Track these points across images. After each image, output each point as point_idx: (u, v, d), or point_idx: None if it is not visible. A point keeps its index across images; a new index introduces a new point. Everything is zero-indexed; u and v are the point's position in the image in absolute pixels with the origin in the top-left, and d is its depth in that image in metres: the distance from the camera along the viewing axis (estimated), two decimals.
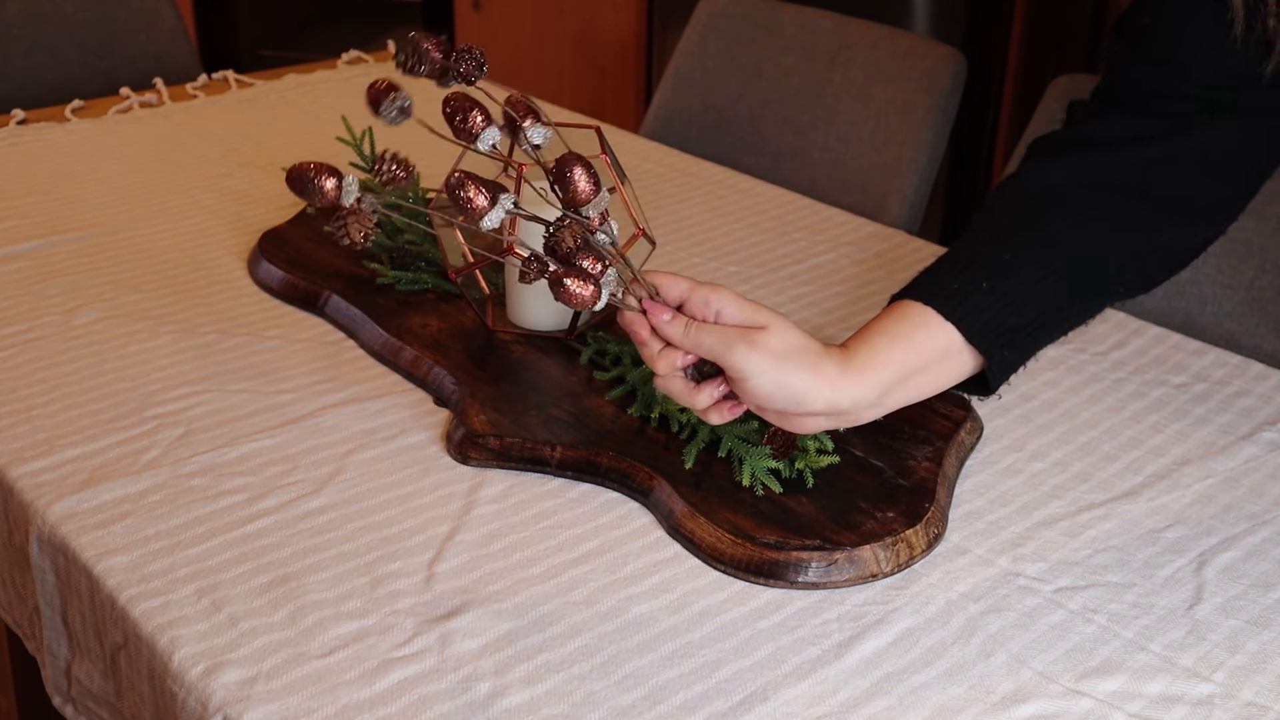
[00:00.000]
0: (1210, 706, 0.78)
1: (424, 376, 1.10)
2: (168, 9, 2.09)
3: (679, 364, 0.82)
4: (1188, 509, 0.97)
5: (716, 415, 0.84)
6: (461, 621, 0.83)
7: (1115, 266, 0.89)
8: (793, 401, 0.81)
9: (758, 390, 0.81)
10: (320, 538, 0.91)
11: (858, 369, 0.83)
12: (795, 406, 0.82)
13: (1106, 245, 0.88)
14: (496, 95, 0.85)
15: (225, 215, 1.43)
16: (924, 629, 0.84)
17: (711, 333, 0.81)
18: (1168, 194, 0.89)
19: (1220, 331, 1.32)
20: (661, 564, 0.89)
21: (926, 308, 0.85)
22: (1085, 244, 0.88)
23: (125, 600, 0.85)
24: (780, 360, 0.80)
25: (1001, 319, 0.85)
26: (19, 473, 0.97)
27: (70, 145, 1.63)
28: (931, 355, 0.84)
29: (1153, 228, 0.89)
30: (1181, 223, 0.91)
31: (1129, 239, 0.89)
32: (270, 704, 0.76)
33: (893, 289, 1.30)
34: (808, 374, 0.81)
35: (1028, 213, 0.89)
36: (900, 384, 0.84)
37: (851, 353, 0.84)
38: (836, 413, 0.83)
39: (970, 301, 0.84)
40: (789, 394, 0.81)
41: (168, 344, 1.16)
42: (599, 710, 0.77)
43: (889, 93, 1.66)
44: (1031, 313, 0.86)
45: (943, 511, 0.94)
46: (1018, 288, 0.85)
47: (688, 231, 1.42)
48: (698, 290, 0.82)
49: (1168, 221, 0.90)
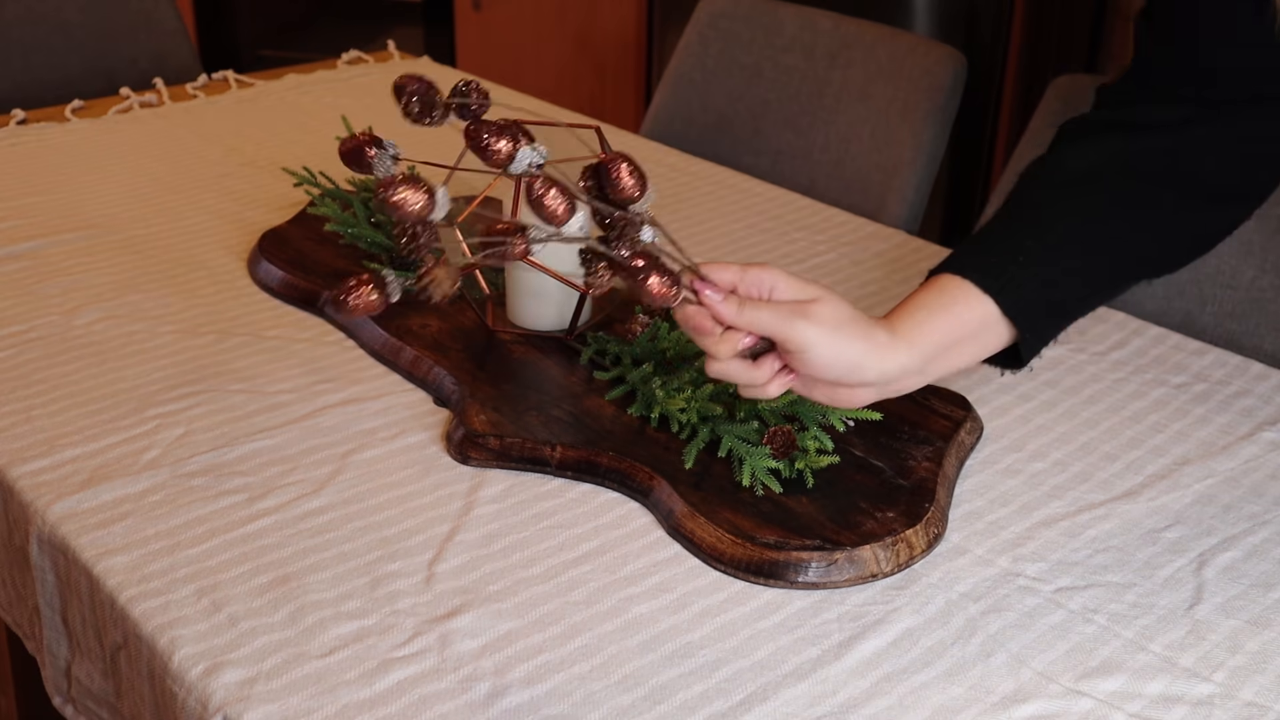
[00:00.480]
0: (1210, 706, 0.78)
1: (424, 376, 1.10)
2: (168, 9, 2.09)
3: (739, 347, 0.84)
4: (1188, 509, 0.97)
5: (777, 386, 0.86)
6: (461, 621, 0.83)
7: (1146, 247, 0.92)
8: (849, 369, 0.84)
9: (815, 361, 0.83)
10: (320, 538, 0.91)
11: (905, 338, 0.86)
12: (850, 374, 0.84)
13: (1138, 226, 0.91)
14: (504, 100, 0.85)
15: (225, 215, 1.43)
16: (924, 629, 0.84)
17: (767, 309, 0.83)
18: (1199, 178, 0.91)
19: (1220, 331, 1.32)
20: (661, 564, 0.89)
21: (965, 281, 0.87)
22: (1117, 224, 0.90)
23: (125, 600, 0.85)
24: (836, 330, 0.83)
25: (1036, 294, 0.88)
26: (19, 473, 0.97)
27: (70, 145, 1.63)
28: (970, 327, 0.87)
29: (1184, 210, 0.92)
30: (1213, 205, 0.93)
31: (1160, 220, 0.92)
32: (270, 704, 0.76)
33: (893, 289, 1.30)
34: (861, 342, 0.84)
35: (1061, 192, 0.91)
36: (943, 354, 0.87)
37: (896, 323, 0.86)
38: (885, 381, 0.86)
39: (1006, 275, 0.87)
40: (845, 362, 0.83)
41: (168, 344, 1.16)
42: (599, 710, 0.77)
43: (889, 93, 1.66)
44: (1064, 289, 0.89)
45: (943, 511, 0.94)
46: (1051, 265, 0.88)
47: (688, 231, 1.42)
48: (748, 272, 0.84)
49: (1199, 204, 0.92)
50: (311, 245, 1.30)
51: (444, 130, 0.84)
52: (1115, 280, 0.93)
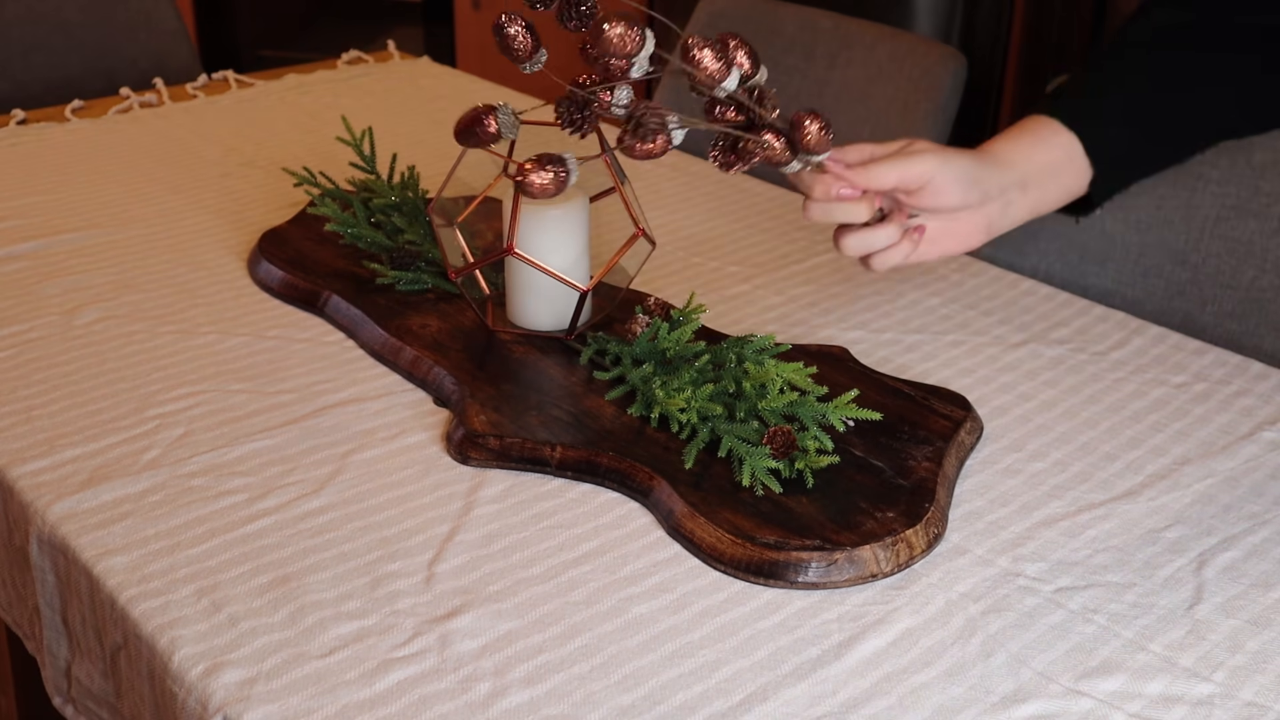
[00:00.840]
0: (1210, 706, 0.78)
1: (424, 376, 1.10)
2: (168, 9, 2.10)
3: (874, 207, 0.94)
4: (1188, 509, 0.97)
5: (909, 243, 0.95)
6: (461, 621, 0.83)
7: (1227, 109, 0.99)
8: (968, 184, 0.94)
9: (940, 186, 0.93)
10: (320, 538, 0.91)
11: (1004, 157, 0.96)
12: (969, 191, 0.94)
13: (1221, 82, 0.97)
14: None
15: (225, 215, 1.43)
16: (924, 629, 0.84)
17: (885, 161, 0.93)
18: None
19: (1220, 331, 1.32)
20: (661, 564, 0.89)
21: (1053, 120, 0.97)
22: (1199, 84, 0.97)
23: (125, 600, 0.85)
24: (946, 154, 0.94)
25: (1117, 133, 0.96)
26: (19, 473, 0.97)
27: (70, 145, 1.63)
28: (1056, 156, 0.97)
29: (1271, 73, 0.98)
30: None
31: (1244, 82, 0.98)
32: (270, 704, 0.76)
33: (893, 289, 1.30)
34: (971, 158, 0.94)
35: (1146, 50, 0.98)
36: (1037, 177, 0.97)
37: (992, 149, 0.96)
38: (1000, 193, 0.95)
39: (1089, 116, 0.96)
40: (966, 178, 0.93)
41: (168, 344, 1.16)
42: (599, 710, 0.77)
43: (889, 93, 1.66)
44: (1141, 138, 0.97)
45: (943, 511, 0.94)
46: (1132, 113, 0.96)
47: (688, 231, 1.42)
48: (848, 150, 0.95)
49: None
50: (311, 245, 1.30)
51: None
52: (1194, 138, 0.99)
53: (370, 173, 1.35)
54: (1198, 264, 1.34)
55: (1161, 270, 1.36)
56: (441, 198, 1.15)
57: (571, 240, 1.10)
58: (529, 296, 1.13)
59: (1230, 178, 1.31)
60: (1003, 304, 1.27)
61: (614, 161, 1.10)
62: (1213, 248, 1.33)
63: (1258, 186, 1.30)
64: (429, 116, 1.74)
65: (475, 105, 0.93)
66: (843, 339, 1.19)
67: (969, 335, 1.20)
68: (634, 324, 1.09)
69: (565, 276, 1.09)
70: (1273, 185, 1.29)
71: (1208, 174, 1.33)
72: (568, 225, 1.10)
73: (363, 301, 1.19)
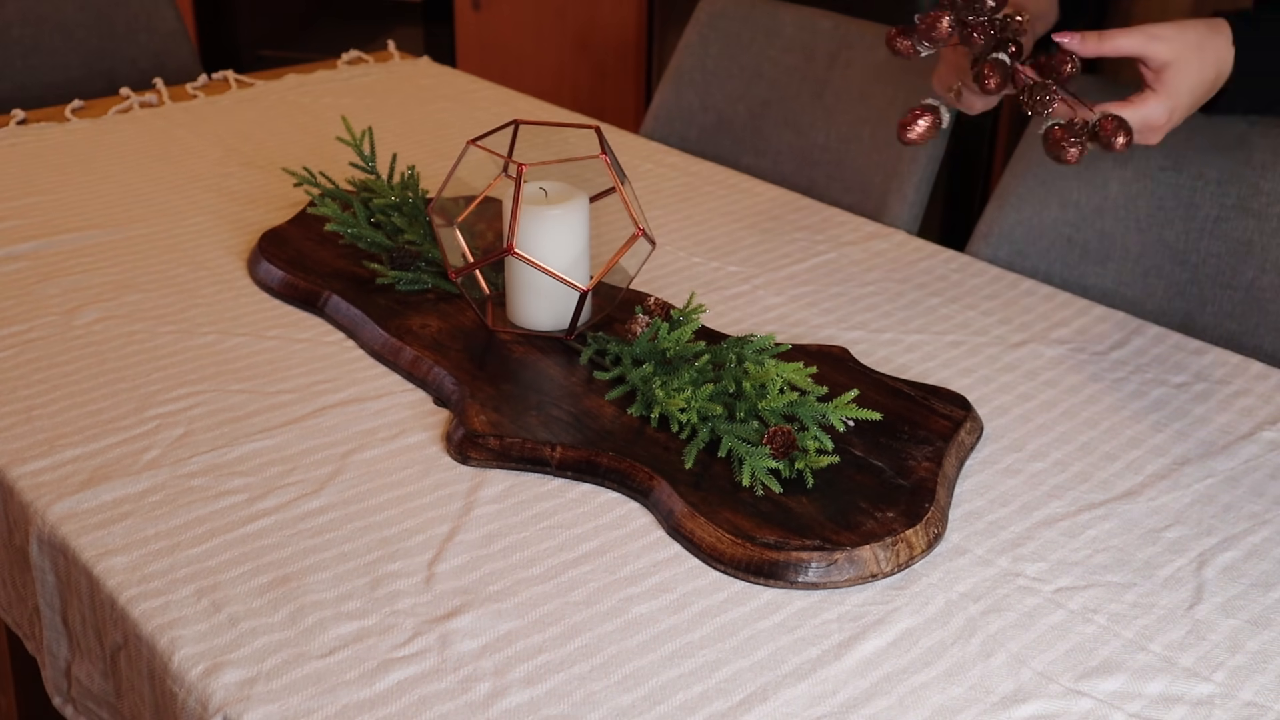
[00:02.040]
0: (1210, 706, 0.78)
1: (424, 376, 1.10)
2: (168, 9, 2.09)
3: None
4: (1188, 509, 0.97)
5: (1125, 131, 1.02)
6: (461, 621, 0.83)
7: None
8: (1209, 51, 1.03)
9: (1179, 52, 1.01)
10: (320, 538, 0.91)
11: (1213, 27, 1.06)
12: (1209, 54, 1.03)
13: None
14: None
15: (225, 215, 1.43)
16: (924, 629, 0.84)
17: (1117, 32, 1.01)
18: None
19: (1220, 331, 1.32)
20: (661, 564, 0.89)
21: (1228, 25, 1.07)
22: None
23: (125, 600, 0.85)
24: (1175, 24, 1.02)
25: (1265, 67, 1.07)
26: (19, 473, 0.97)
27: (70, 145, 1.63)
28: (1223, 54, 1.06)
29: None
30: None
31: None
32: (270, 704, 0.76)
33: (893, 289, 1.30)
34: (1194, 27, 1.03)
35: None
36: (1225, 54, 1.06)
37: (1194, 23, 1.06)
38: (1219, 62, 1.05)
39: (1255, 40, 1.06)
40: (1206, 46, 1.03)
41: (168, 344, 1.16)
42: (599, 710, 0.77)
43: (889, 93, 1.66)
44: None
45: (943, 511, 0.94)
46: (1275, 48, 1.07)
47: (688, 231, 1.42)
48: None
49: None
50: (311, 245, 1.30)
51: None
52: None
53: (370, 173, 1.35)
54: (1198, 264, 1.34)
55: (1161, 270, 1.36)
56: (441, 198, 1.15)
57: (571, 240, 1.10)
58: (529, 296, 1.13)
59: (1230, 178, 1.31)
60: (1003, 304, 1.27)
61: (614, 161, 1.10)
62: (1213, 247, 1.33)
63: (1258, 186, 1.30)
64: (429, 116, 1.74)
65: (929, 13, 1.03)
66: (843, 339, 1.19)
67: (969, 335, 1.20)
68: (634, 324, 1.09)
69: (565, 276, 1.09)
70: (1273, 185, 1.29)
71: (1208, 174, 1.33)
72: (568, 225, 1.10)
73: (363, 301, 1.19)
